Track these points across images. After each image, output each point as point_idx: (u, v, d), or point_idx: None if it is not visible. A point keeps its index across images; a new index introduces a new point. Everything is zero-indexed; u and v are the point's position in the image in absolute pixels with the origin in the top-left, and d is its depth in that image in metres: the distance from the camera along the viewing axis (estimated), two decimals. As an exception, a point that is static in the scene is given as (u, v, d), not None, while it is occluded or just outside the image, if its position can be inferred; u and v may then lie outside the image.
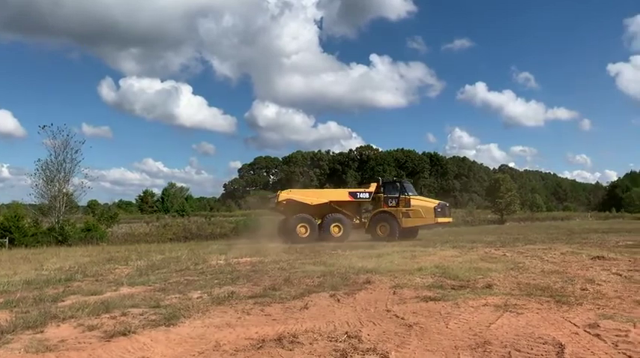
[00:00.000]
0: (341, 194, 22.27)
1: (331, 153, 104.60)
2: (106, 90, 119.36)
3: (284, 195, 21.59)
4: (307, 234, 20.55)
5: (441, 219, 20.72)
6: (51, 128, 37.30)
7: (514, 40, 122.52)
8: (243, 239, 23.27)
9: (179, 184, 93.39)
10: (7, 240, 30.51)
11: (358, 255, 12.81)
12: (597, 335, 4.67)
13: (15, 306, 6.75)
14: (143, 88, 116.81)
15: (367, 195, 21.65)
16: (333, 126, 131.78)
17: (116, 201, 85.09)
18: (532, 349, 4.35)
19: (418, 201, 21.19)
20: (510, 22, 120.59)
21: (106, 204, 70.18)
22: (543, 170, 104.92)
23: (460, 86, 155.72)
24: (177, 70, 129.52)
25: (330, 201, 21.35)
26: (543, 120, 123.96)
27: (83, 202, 44.50)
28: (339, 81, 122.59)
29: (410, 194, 21.41)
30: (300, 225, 20.74)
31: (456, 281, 8.15)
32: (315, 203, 21.22)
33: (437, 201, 21.57)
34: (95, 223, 37.93)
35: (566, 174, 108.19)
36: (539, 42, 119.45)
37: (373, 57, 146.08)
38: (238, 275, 9.52)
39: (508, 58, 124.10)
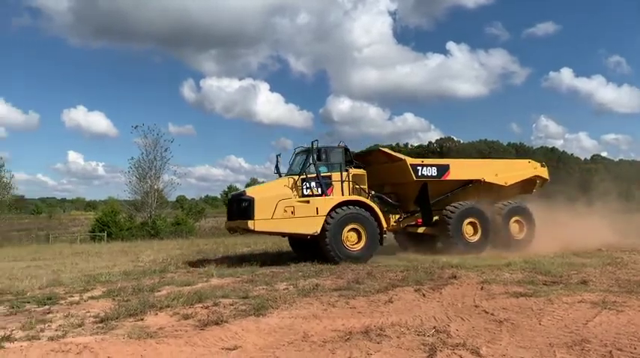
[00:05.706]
0: None
1: (410, 146, 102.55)
2: (188, 90, 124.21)
3: None
4: None
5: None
6: (142, 128, 39.66)
7: (601, 21, 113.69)
8: None
9: (260, 179, 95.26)
10: (105, 233, 32.83)
11: (441, 250, 12.55)
12: None
13: (117, 295, 7.26)
14: (222, 87, 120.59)
15: None
16: (409, 118, 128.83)
17: (202, 196, 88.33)
18: (635, 348, 4.08)
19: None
20: (596, 3, 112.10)
21: (193, 199, 73.19)
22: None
23: (545, 72, 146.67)
24: (255, 68, 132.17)
25: None
26: (638, 106, 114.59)
27: (172, 198, 46.96)
28: (415, 72, 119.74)
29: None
30: None
31: (548, 276, 7.80)
32: None
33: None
34: (184, 217, 39.77)
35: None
36: (628, 23, 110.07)
37: (450, 45, 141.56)
38: (321, 269, 9.66)
39: (595, 41, 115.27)
